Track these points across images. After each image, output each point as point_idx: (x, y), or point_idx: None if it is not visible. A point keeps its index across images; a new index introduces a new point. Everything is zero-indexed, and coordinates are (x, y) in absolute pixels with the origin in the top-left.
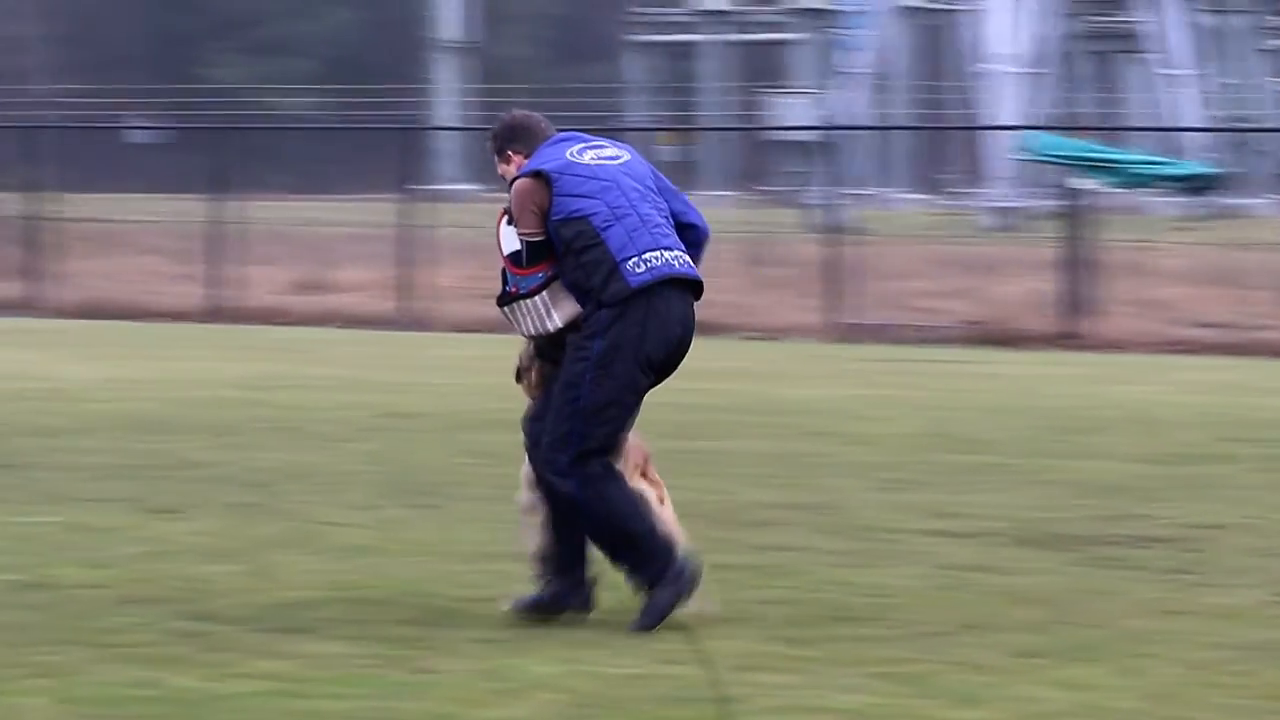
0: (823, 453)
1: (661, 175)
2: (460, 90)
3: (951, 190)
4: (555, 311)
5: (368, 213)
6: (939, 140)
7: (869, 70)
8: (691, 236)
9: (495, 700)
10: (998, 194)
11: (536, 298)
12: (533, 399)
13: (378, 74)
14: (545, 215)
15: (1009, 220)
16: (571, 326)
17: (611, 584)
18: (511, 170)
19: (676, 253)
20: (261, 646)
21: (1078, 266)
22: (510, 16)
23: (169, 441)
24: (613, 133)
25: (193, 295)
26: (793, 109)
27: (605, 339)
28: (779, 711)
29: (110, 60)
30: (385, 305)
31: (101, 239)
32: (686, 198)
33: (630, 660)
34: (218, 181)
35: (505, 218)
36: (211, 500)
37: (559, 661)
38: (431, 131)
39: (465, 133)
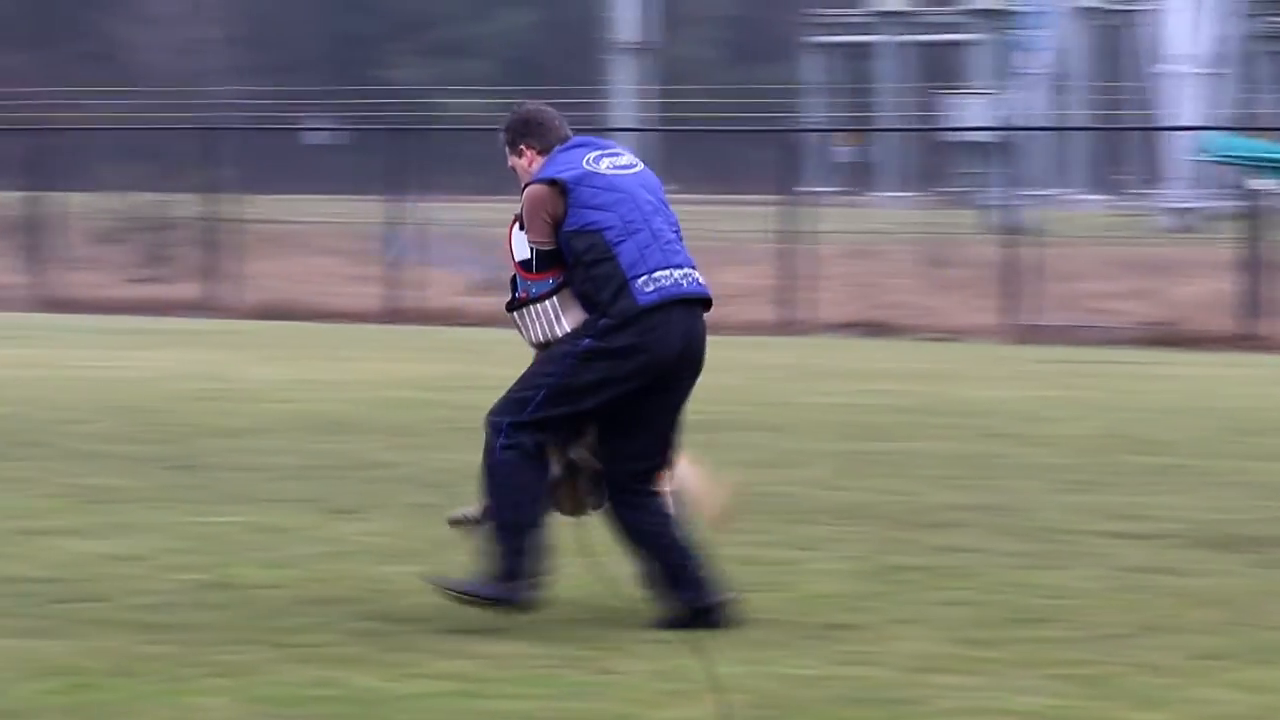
0: (1002, 454)
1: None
2: (637, 92)
3: (1130, 191)
4: (565, 318)
5: None
6: (1117, 141)
7: (1047, 71)
8: None
9: (673, 701)
10: (1176, 195)
11: (547, 303)
12: (565, 513)
13: (554, 75)
14: (557, 224)
15: (1187, 221)
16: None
17: (771, 584)
18: (523, 164)
19: (685, 270)
20: (441, 647)
21: (1257, 267)
22: (688, 18)
23: (348, 442)
24: (791, 134)
25: (373, 296)
26: (970, 110)
27: (599, 340)
28: (958, 714)
29: (289, 62)
30: None
31: (280, 240)
32: None
33: (810, 661)
34: (394, 183)
35: (517, 223)
36: (391, 501)
37: (738, 662)
38: (609, 133)
39: (642, 134)
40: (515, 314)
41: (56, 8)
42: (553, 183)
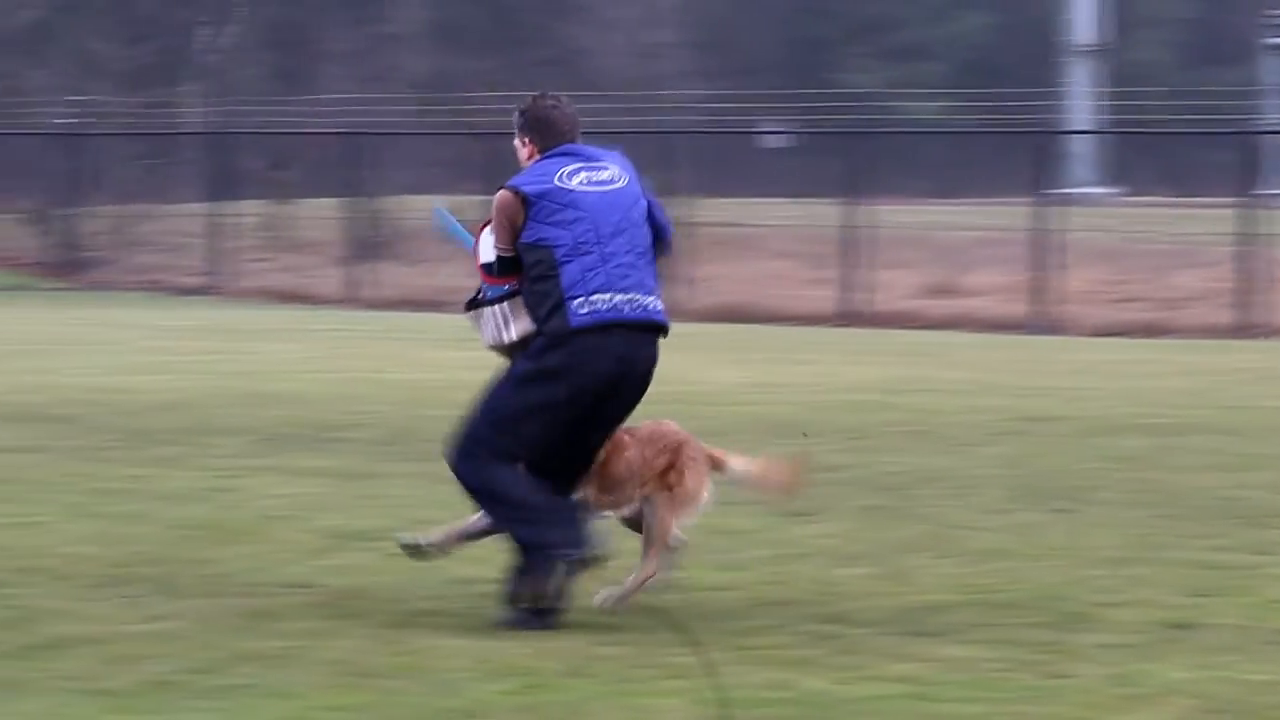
0: None
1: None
2: (1093, 94)
3: None
4: (513, 324)
5: (1000, 217)
6: None
7: None
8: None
9: (1126, 706)
10: None
11: (498, 307)
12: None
13: (1010, 78)
14: (517, 234)
15: None
16: (524, 344)
17: (1228, 588)
18: (523, 154)
19: (633, 295)
20: (893, 649)
21: None
22: (1143, 20)
23: (802, 444)
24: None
25: (825, 299)
26: None
27: (533, 362)
28: None
29: (745, 65)
30: (1017, 309)
31: (735, 243)
32: (660, 204)
33: (1268, 667)
34: (850, 186)
35: (487, 225)
36: (844, 503)
37: (1193, 667)
38: (1065, 135)
39: (1099, 136)
40: (471, 314)
41: (519, 15)
42: (517, 192)
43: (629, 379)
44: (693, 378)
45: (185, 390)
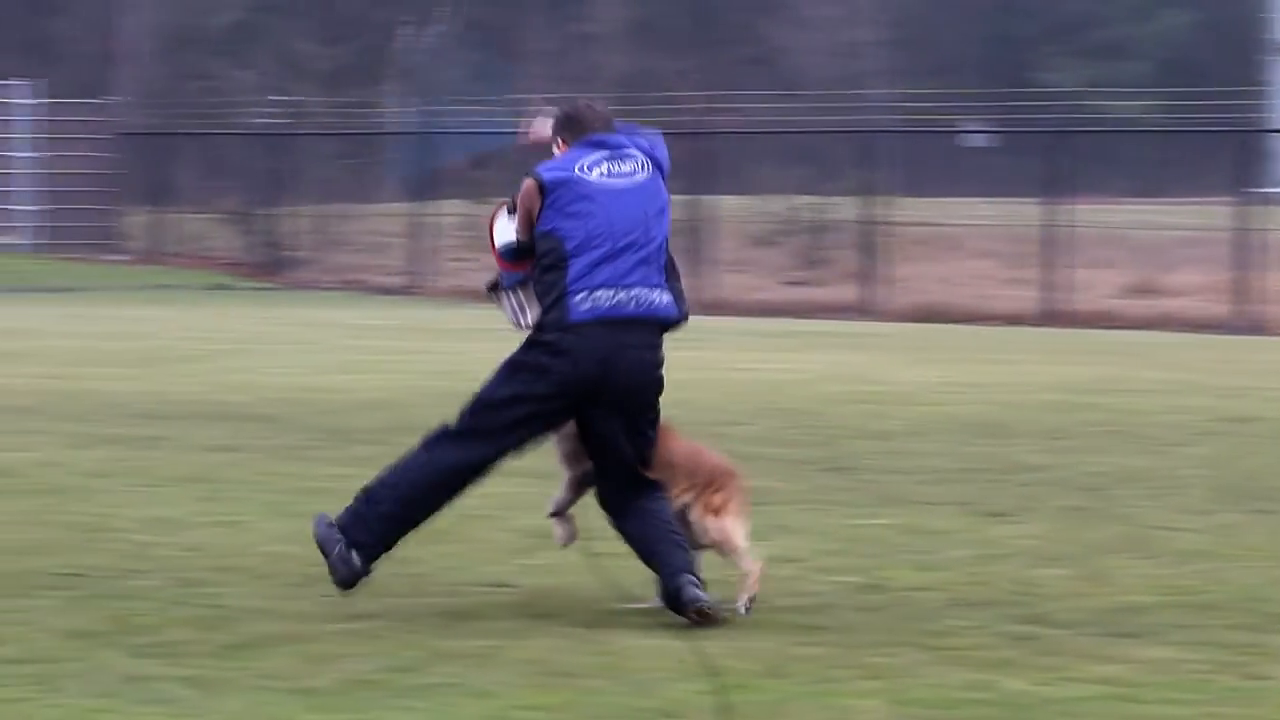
0: None
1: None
2: None
3: None
4: (530, 310)
5: (1202, 216)
6: None
7: None
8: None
9: None
10: None
11: (513, 295)
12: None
13: (1211, 76)
14: (534, 222)
15: None
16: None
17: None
18: (558, 154)
19: (639, 291)
20: (1093, 650)
21: None
22: None
23: (1001, 445)
24: None
25: (1026, 299)
26: None
27: (527, 353)
28: None
29: (945, 64)
30: (1219, 309)
31: (933, 243)
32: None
33: None
34: (1050, 185)
35: (506, 208)
36: (1043, 504)
37: None
38: (1267, 134)
39: None
40: (491, 295)
41: (720, 13)
42: (536, 179)
43: (621, 379)
44: (885, 377)
45: (385, 389)
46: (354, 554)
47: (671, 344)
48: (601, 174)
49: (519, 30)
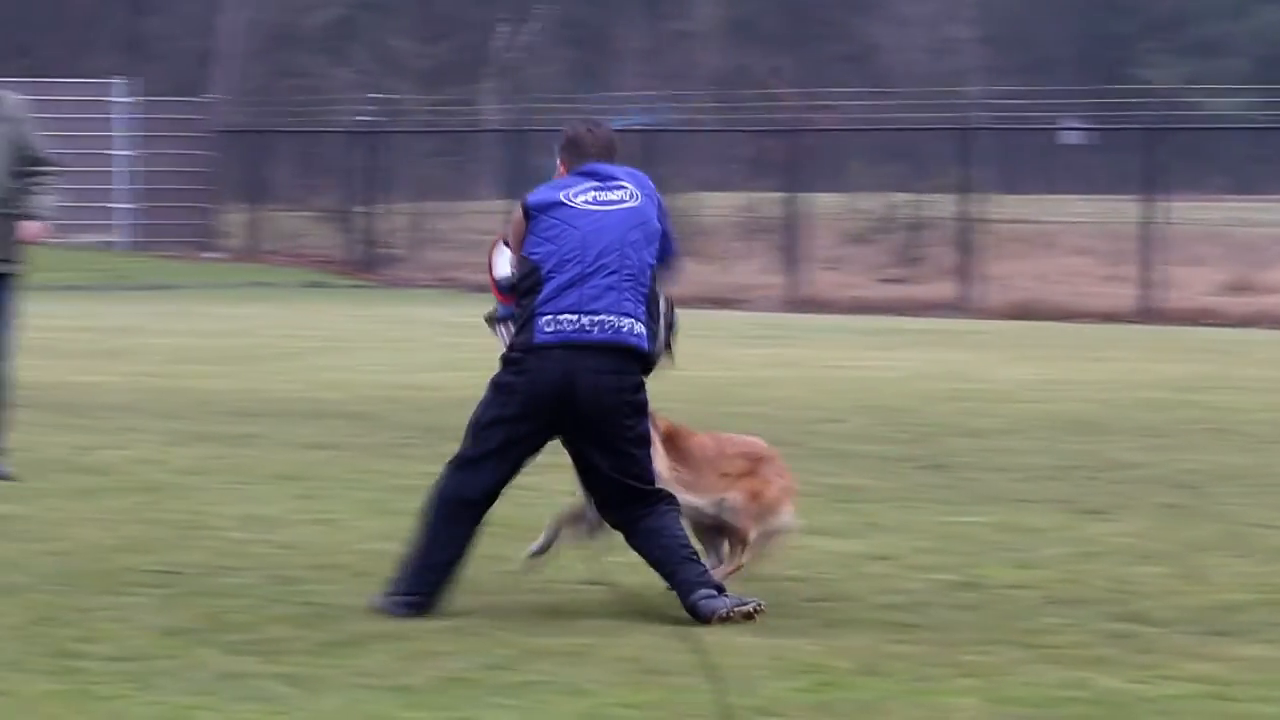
0: None
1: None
2: None
3: None
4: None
5: None
6: None
7: None
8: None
9: None
10: None
11: (507, 326)
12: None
13: None
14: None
15: None
16: None
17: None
18: (559, 173)
19: (605, 317)
20: (1189, 648)
21: None
22: None
23: (1098, 442)
24: None
25: (1123, 296)
26: None
27: (501, 373)
28: None
29: (1041, 61)
30: None
31: (1030, 240)
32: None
33: None
34: (1147, 182)
35: (504, 240)
36: (1140, 501)
37: None
38: None
39: None
40: (489, 327)
41: (816, 11)
42: (523, 206)
43: (584, 401)
44: (981, 375)
45: (480, 387)
46: (401, 600)
47: (766, 342)
48: (587, 200)
49: (615, 28)
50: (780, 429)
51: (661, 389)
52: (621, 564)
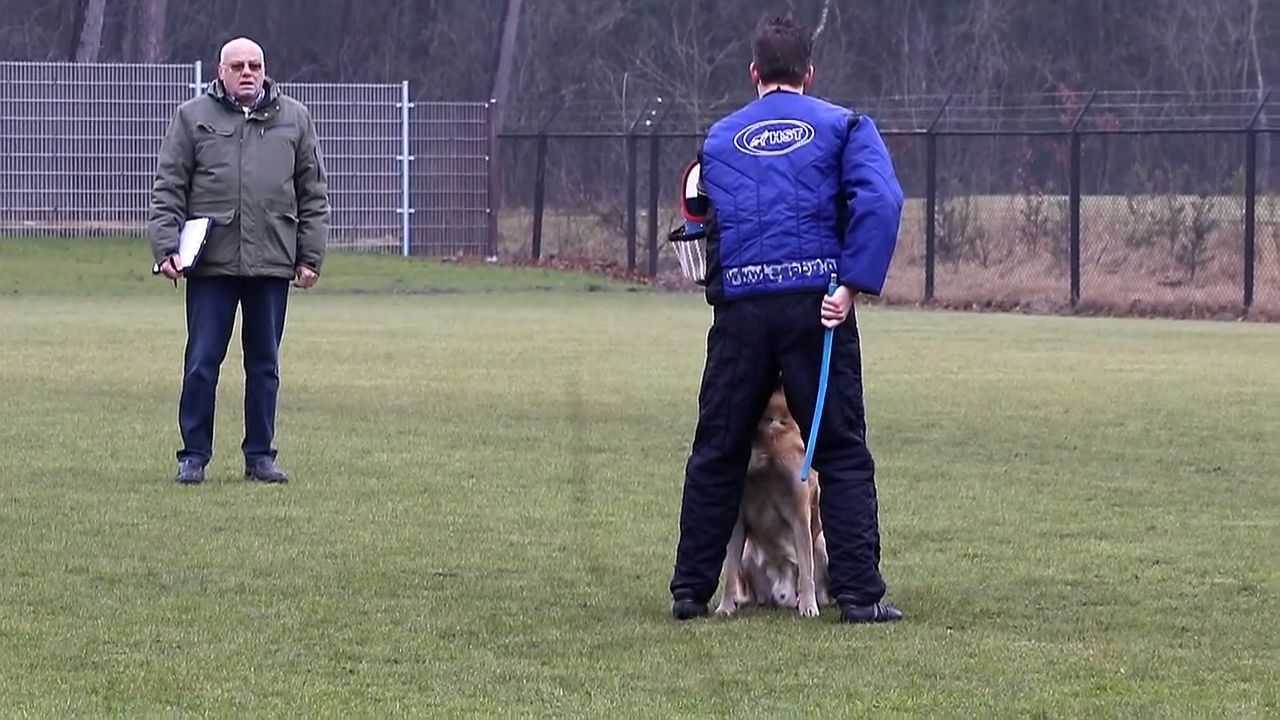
0: None
1: (859, 143)
2: None
3: None
4: (703, 263)
5: None
6: None
7: None
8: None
9: None
10: None
11: (689, 244)
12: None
13: None
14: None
15: None
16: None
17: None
18: (753, 75)
19: (783, 265)
20: None
21: None
22: None
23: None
24: None
25: None
26: None
27: (715, 323)
28: None
29: None
30: None
31: None
32: (874, 166)
33: None
34: None
35: (697, 164)
36: None
37: None
38: None
39: None
40: (673, 244)
41: (1099, 12)
42: (699, 155)
43: (786, 336)
44: (1268, 379)
45: None
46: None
47: (1046, 345)
48: (759, 145)
49: (898, 30)
50: (1060, 432)
51: (940, 392)
52: (901, 566)
